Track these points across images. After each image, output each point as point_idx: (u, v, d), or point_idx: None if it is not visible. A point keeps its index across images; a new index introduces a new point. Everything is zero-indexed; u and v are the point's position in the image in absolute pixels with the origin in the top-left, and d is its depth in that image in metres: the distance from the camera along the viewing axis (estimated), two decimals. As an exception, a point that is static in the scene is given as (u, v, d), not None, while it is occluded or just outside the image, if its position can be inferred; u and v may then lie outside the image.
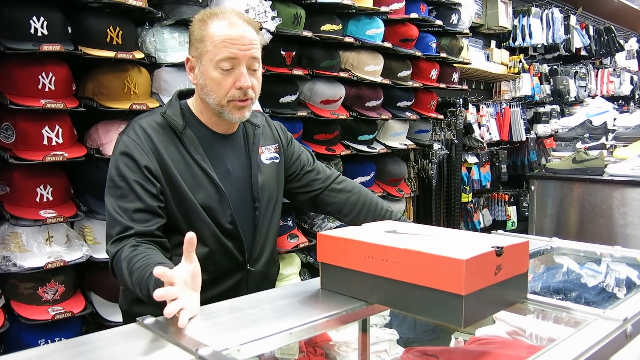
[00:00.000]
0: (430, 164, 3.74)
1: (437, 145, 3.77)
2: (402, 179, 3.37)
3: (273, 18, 2.38)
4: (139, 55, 2.08)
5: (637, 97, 7.05)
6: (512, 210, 4.92)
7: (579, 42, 5.60)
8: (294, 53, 2.63)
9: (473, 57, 4.22)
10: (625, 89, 6.75)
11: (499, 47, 4.88)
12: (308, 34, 2.63)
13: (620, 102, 6.62)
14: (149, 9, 2.09)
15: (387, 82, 3.09)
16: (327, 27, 2.72)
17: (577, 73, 5.87)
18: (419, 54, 3.26)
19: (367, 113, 3.00)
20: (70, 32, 1.96)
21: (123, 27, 2.03)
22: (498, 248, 0.99)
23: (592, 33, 5.90)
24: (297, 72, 2.64)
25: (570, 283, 1.61)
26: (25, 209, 1.91)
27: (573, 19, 5.50)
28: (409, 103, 3.35)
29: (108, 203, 1.36)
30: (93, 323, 2.14)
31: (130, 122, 1.45)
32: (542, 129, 5.25)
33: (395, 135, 3.32)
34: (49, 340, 1.95)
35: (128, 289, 1.35)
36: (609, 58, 6.54)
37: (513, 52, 4.99)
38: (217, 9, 1.43)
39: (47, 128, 1.90)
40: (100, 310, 2.10)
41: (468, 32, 3.72)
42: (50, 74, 1.88)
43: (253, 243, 1.50)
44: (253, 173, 1.50)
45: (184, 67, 1.47)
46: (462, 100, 4.06)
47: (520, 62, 4.93)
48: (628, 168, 2.80)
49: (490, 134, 4.62)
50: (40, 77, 1.87)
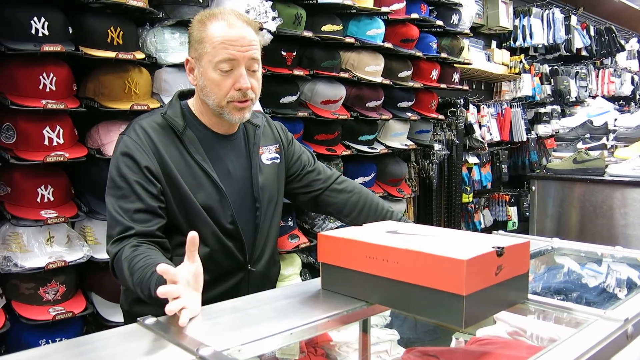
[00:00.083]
0: (431, 165, 3.74)
1: (437, 146, 3.77)
2: (402, 179, 3.37)
3: (274, 18, 2.38)
4: (140, 56, 2.08)
5: (637, 97, 7.05)
6: (512, 211, 4.92)
7: (580, 42, 5.60)
8: (295, 53, 2.63)
9: (474, 57, 4.22)
10: (626, 90, 6.75)
11: (500, 47, 4.88)
12: (309, 35, 2.63)
13: (621, 102, 6.63)
14: (150, 10, 2.09)
15: (387, 82, 3.09)
16: (327, 27, 2.72)
17: (577, 73, 5.86)
18: (420, 55, 3.26)
19: (367, 113, 3.00)
20: (71, 32, 1.96)
21: (124, 27, 2.03)
22: (499, 248, 0.99)
23: (592, 33, 5.90)
24: (297, 72, 2.64)
25: (571, 283, 1.61)
26: (26, 209, 1.91)
27: (574, 19, 5.50)
28: (410, 103, 3.35)
29: (109, 203, 1.36)
30: (94, 323, 2.14)
31: (131, 122, 1.45)
32: (542, 130, 5.25)
33: (396, 136, 3.32)
34: (50, 341, 1.95)
35: (129, 289, 1.36)
36: (610, 58, 6.53)
37: (514, 52, 4.99)
38: (216, 10, 1.42)
39: (48, 128, 1.91)
40: (101, 311, 2.10)
41: (469, 32, 3.72)
42: (51, 75, 1.89)
43: (254, 243, 1.50)
44: (254, 173, 1.50)
45: (185, 67, 1.47)
46: (462, 101, 4.06)
47: (521, 62, 4.93)
48: (629, 168, 2.79)
49: (491, 134, 4.62)
50: (41, 77, 1.87)
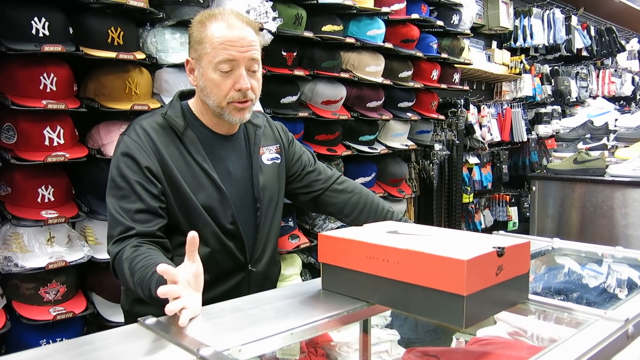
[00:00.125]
0: (432, 165, 3.74)
1: (438, 146, 3.77)
2: (403, 180, 3.37)
3: (274, 19, 2.38)
4: (140, 56, 2.08)
5: (638, 97, 7.04)
6: (513, 211, 4.92)
7: (580, 42, 5.60)
8: (295, 54, 2.63)
9: (474, 57, 4.22)
10: (627, 90, 6.74)
11: (500, 47, 4.88)
12: (309, 35, 2.63)
13: (622, 102, 6.62)
14: (150, 10, 2.09)
15: (388, 82, 3.09)
16: (328, 27, 2.72)
17: (578, 74, 5.86)
18: (420, 55, 3.26)
19: (368, 114, 3.00)
20: (72, 32, 1.96)
21: (124, 27, 2.03)
22: (499, 248, 0.99)
23: (593, 33, 5.90)
24: (298, 72, 2.64)
25: (572, 284, 1.61)
26: (27, 210, 1.91)
27: (574, 20, 5.49)
28: (410, 104, 3.35)
29: (109, 203, 1.36)
30: (94, 323, 2.14)
31: (132, 122, 1.45)
32: (543, 130, 5.24)
33: (397, 136, 3.32)
34: (51, 341, 1.95)
35: (129, 289, 1.36)
36: (610, 59, 6.53)
37: (514, 52, 4.98)
38: (216, 10, 1.42)
39: (48, 129, 1.91)
40: (102, 311, 2.10)
41: (469, 32, 3.72)
42: (52, 75, 1.89)
43: (254, 243, 1.50)
44: (254, 174, 1.50)
45: (185, 68, 1.47)
46: (463, 101, 4.06)
47: (522, 62, 4.92)
48: (629, 169, 2.79)
49: (492, 135, 4.62)
50: (42, 77, 1.87)
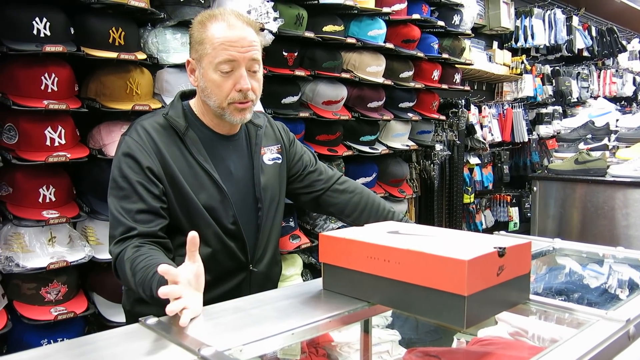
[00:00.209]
0: (433, 165, 3.74)
1: (439, 146, 3.77)
2: (404, 180, 3.37)
3: (275, 19, 2.39)
4: (142, 56, 2.08)
5: (639, 98, 7.04)
6: (514, 211, 4.92)
7: (582, 43, 5.60)
8: (296, 54, 2.63)
9: (475, 58, 4.22)
10: (628, 90, 6.74)
11: (501, 48, 4.88)
12: (310, 35, 2.63)
13: (623, 103, 6.61)
14: (152, 10, 2.09)
15: (389, 83, 3.09)
16: (329, 28, 2.72)
17: (579, 74, 5.86)
18: (421, 55, 3.26)
19: (369, 114, 3.00)
20: (73, 33, 1.96)
21: (125, 28, 2.03)
22: (500, 249, 0.99)
23: (594, 34, 5.89)
24: (299, 73, 2.65)
25: (573, 284, 1.61)
26: (28, 210, 1.91)
27: (575, 20, 5.49)
28: (411, 104, 3.35)
29: (111, 204, 1.36)
30: (95, 323, 2.14)
31: (133, 123, 1.45)
32: (544, 130, 5.24)
33: (397, 136, 3.32)
34: (52, 341, 1.95)
35: (131, 290, 1.36)
36: (612, 59, 6.53)
37: (515, 53, 4.98)
38: (216, 11, 1.42)
39: (49, 129, 1.91)
40: (103, 311, 2.10)
41: (470, 33, 3.72)
42: (53, 75, 1.89)
43: (256, 243, 1.50)
44: (255, 174, 1.50)
45: (186, 68, 1.47)
46: (464, 101, 4.06)
47: (523, 63, 4.92)
48: (631, 169, 2.79)
49: (493, 135, 4.62)
50: (43, 78, 1.87)
